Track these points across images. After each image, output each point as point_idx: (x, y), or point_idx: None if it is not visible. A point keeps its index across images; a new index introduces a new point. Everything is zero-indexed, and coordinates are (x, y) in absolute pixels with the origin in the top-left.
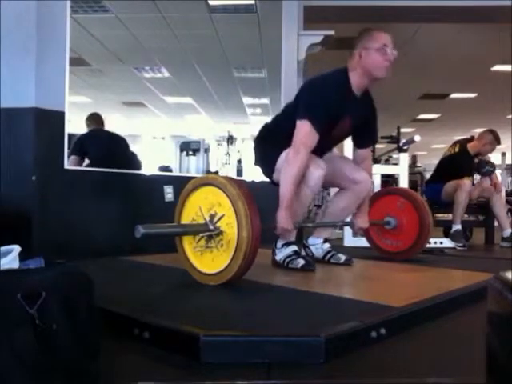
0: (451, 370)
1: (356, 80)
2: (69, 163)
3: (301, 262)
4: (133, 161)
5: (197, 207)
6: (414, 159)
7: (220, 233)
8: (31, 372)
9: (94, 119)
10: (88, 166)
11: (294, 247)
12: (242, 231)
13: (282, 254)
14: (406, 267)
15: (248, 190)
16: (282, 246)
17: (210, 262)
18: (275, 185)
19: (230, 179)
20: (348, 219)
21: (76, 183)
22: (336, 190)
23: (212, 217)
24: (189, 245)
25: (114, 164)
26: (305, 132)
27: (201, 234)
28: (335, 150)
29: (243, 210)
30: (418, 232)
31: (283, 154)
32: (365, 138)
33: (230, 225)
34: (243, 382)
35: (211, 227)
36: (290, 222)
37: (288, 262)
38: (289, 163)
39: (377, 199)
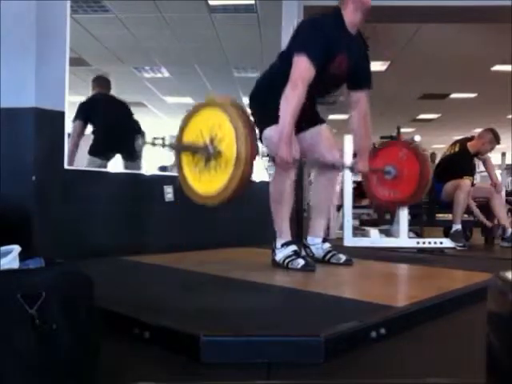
0: (451, 370)
1: (349, 17)
2: (72, 129)
3: (301, 262)
4: (135, 130)
5: (198, 130)
6: (432, 157)
7: (219, 154)
8: (31, 372)
9: (100, 83)
10: (92, 132)
11: (293, 247)
12: (241, 149)
13: (281, 254)
14: (405, 267)
15: (247, 114)
16: (282, 245)
17: (208, 183)
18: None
19: (232, 102)
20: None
21: (76, 183)
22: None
23: (212, 139)
24: (188, 168)
25: (117, 132)
26: (302, 67)
27: (200, 155)
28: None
29: (242, 131)
30: (417, 183)
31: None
32: (360, 78)
33: (228, 146)
34: (243, 382)
35: (210, 148)
36: (290, 153)
37: (288, 263)
38: (287, 98)
39: (380, 149)
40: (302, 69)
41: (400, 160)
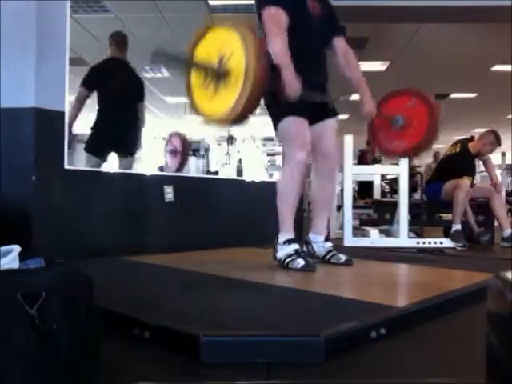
0: (451, 370)
1: None
2: (77, 94)
3: (301, 262)
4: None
5: (206, 53)
6: (436, 156)
7: (228, 72)
8: (31, 372)
9: (116, 41)
10: (91, 128)
11: (295, 246)
12: (250, 64)
13: (283, 251)
14: (405, 267)
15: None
16: (284, 242)
17: (219, 102)
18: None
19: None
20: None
21: (76, 183)
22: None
23: (221, 58)
24: (198, 90)
25: (119, 122)
26: (270, 14)
27: (210, 75)
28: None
29: (252, 45)
30: (425, 132)
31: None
32: (333, 26)
33: (237, 63)
34: (243, 382)
35: (219, 66)
36: (295, 77)
37: (288, 263)
38: (271, 41)
39: (389, 99)
40: (270, 16)
41: (409, 109)
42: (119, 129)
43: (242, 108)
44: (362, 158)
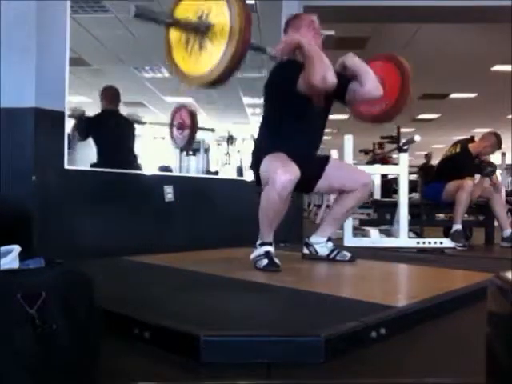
0: (451, 370)
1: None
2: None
3: (264, 262)
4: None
5: (185, 13)
6: (428, 157)
7: (209, 28)
8: (31, 372)
9: (105, 96)
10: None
11: (266, 248)
12: (235, 19)
13: (255, 252)
14: (406, 267)
15: None
16: (259, 244)
17: (201, 62)
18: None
19: None
20: None
21: (76, 183)
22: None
23: (200, 15)
24: (178, 50)
25: (117, 158)
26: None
27: (192, 39)
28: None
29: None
30: (397, 96)
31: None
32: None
33: (220, 15)
34: (243, 382)
35: (201, 23)
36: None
37: (256, 262)
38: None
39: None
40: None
41: (382, 72)
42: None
43: (225, 67)
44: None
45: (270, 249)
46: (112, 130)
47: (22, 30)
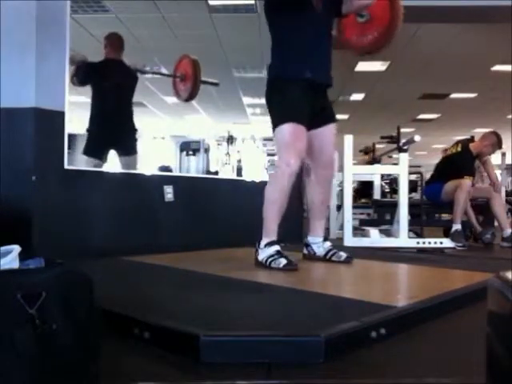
0: (451, 370)
1: None
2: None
3: (283, 261)
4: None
5: None
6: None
7: None
8: (31, 372)
9: (110, 43)
10: (87, 130)
11: (276, 247)
12: None
13: (264, 253)
14: (405, 267)
15: None
16: (265, 245)
17: None
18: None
19: None
20: None
21: (76, 183)
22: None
23: None
24: None
25: (114, 121)
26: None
27: None
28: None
29: None
30: (387, 24)
31: None
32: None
33: None
34: (243, 382)
35: None
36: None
37: (270, 262)
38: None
39: None
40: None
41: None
42: (116, 126)
43: None
44: None
45: (279, 247)
46: (114, 86)
47: (21, 29)
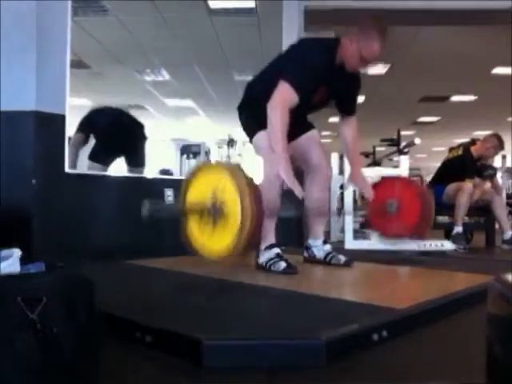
0: (452, 373)
1: (351, 61)
2: (71, 142)
3: (282, 264)
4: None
5: (198, 192)
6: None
7: (222, 210)
8: (33, 376)
9: None
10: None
11: (276, 250)
12: (245, 204)
13: (264, 256)
14: (406, 269)
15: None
16: (265, 248)
17: (218, 240)
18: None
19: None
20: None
21: (76, 186)
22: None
23: (214, 199)
24: (195, 226)
25: (120, 137)
26: (283, 91)
27: (206, 216)
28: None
29: (245, 190)
30: (418, 215)
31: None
32: (345, 108)
33: (231, 203)
34: None
35: (213, 208)
36: (293, 179)
37: (270, 265)
38: (273, 125)
39: (378, 185)
40: (285, 92)
41: (400, 193)
42: (121, 141)
43: (242, 246)
44: None
45: (279, 250)
46: (111, 119)
47: (22, 32)
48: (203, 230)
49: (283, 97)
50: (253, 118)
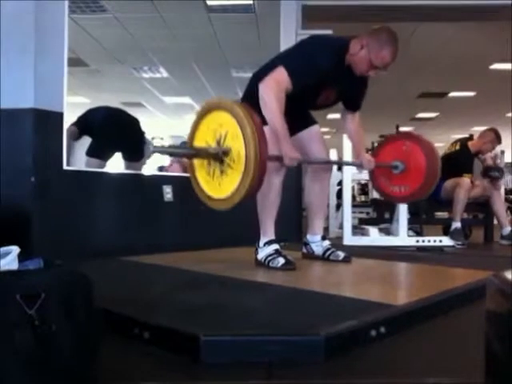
0: (450, 369)
1: (359, 66)
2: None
3: (281, 260)
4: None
5: (204, 141)
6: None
7: (227, 153)
8: (31, 372)
9: None
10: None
11: (275, 246)
12: (250, 146)
13: (263, 252)
14: (405, 266)
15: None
16: (264, 244)
17: (223, 185)
18: None
19: (237, 103)
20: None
21: (75, 184)
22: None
23: (218, 141)
24: (201, 174)
25: (118, 132)
26: (278, 74)
27: (212, 164)
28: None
29: (250, 130)
30: (424, 175)
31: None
32: (350, 104)
33: (236, 138)
34: (243, 382)
35: (219, 150)
36: (294, 149)
37: (269, 261)
38: (265, 100)
39: (384, 144)
40: (279, 75)
41: (405, 153)
42: (119, 136)
43: (246, 190)
44: None
45: (278, 246)
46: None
47: (19, 30)
48: (209, 174)
49: (275, 78)
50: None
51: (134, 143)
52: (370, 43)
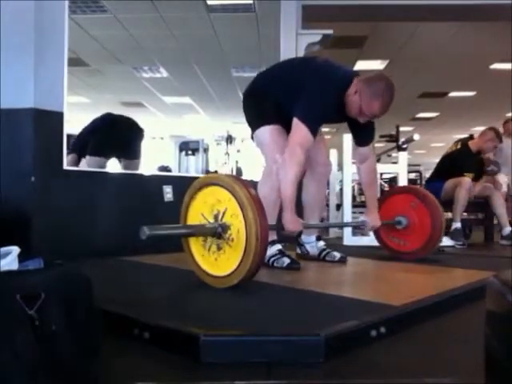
0: (450, 370)
1: (352, 110)
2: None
3: (286, 261)
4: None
5: (199, 214)
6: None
7: (228, 227)
8: (31, 373)
9: None
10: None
11: (278, 246)
12: (251, 231)
13: (267, 253)
14: (405, 266)
15: (254, 190)
16: (269, 243)
17: (224, 262)
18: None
19: (235, 179)
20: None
21: (75, 183)
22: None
23: (216, 216)
24: (196, 247)
25: (117, 132)
26: (302, 135)
27: (209, 239)
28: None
29: (251, 211)
30: (429, 233)
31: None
32: (361, 137)
33: (235, 216)
34: (243, 382)
35: (218, 226)
36: (297, 223)
37: (273, 261)
38: (286, 166)
39: (388, 197)
40: (302, 136)
41: (410, 209)
42: (118, 133)
43: (247, 271)
44: None
45: (281, 247)
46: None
47: (20, 30)
48: (205, 251)
49: (300, 143)
50: (257, 108)
51: (132, 142)
52: (363, 90)
